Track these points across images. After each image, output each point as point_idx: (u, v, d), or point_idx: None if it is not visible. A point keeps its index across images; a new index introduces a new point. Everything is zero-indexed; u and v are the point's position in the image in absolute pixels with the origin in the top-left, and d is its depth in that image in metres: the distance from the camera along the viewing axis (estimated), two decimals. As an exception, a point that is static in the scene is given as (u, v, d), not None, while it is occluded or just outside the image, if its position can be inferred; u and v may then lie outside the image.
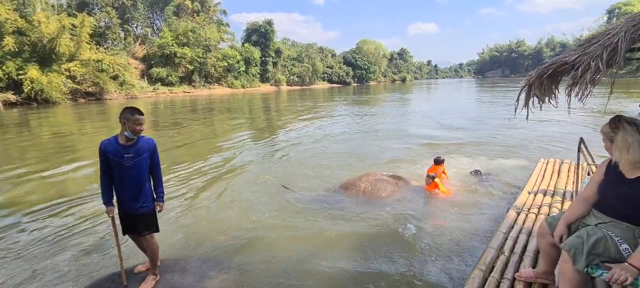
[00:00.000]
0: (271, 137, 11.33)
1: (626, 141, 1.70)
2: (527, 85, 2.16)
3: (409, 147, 8.80)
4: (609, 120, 1.83)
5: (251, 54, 50.17)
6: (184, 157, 7.91)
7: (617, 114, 1.82)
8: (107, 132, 12.89)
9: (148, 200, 2.76)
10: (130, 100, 31.70)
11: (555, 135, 9.53)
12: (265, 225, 4.14)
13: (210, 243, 3.72)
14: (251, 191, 5.46)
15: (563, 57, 1.98)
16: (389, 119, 15.83)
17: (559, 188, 4.17)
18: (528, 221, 3.20)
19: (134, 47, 41.45)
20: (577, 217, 1.94)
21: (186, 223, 4.30)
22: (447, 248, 3.43)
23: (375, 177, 5.26)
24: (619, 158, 1.74)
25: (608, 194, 1.82)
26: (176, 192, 5.51)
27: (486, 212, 4.30)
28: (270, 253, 3.47)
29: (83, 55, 29.48)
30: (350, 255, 3.37)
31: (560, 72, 1.98)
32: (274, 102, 28.43)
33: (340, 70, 74.33)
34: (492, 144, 8.66)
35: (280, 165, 7.22)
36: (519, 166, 6.24)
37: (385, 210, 4.44)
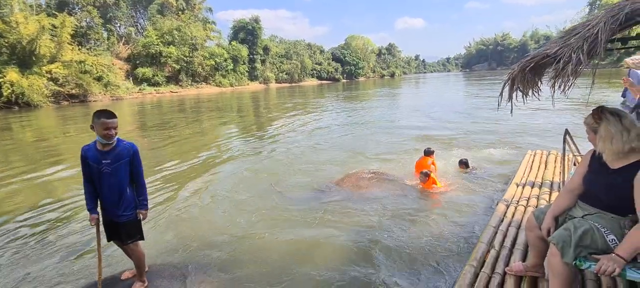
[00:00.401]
0: (261, 135, 11.24)
1: (609, 132, 1.70)
2: (510, 79, 2.15)
3: (400, 141, 8.85)
4: (591, 111, 1.83)
5: (238, 52, 49.61)
6: (171, 158, 7.77)
7: (599, 105, 1.83)
8: (92, 135, 12.55)
9: (130, 208, 2.66)
10: (116, 101, 31.04)
11: (543, 126, 9.71)
12: (255, 227, 4.08)
13: (199, 246, 3.65)
14: (240, 192, 5.39)
15: (545, 50, 1.98)
16: (379, 113, 15.92)
17: (547, 180, 4.22)
18: (517, 214, 3.23)
19: (118, 47, 40.52)
20: (563, 209, 1.95)
21: (174, 227, 4.21)
22: (438, 245, 3.42)
23: (362, 175, 5.26)
24: (603, 149, 1.74)
25: (593, 185, 1.83)
26: (164, 194, 5.41)
27: (477, 205, 4.32)
28: (259, 256, 3.41)
29: (65, 56, 28.67)
30: (339, 256, 3.34)
31: (543, 65, 1.97)
32: (263, 100, 28.21)
33: (329, 66, 74.17)
34: (481, 136, 8.77)
35: (270, 163, 7.16)
36: (508, 158, 6.33)
37: (374, 208, 4.42)
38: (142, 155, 2.72)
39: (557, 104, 13.36)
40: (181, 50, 41.83)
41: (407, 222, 3.97)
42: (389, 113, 16.09)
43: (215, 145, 9.49)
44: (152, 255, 3.48)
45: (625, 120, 1.69)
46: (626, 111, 1.80)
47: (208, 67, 45.51)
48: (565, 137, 3.49)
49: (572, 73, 1.79)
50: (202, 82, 45.93)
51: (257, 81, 55.88)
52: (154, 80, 39.56)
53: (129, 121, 17.14)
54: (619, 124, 1.68)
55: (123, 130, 13.14)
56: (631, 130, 1.66)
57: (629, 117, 1.71)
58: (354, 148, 8.26)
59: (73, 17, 32.55)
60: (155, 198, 5.19)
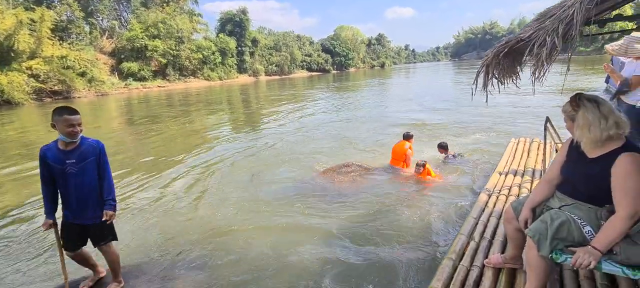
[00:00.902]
0: (250, 128, 11.07)
1: (587, 119, 1.63)
2: (485, 66, 2.05)
3: (391, 130, 8.81)
4: (569, 99, 1.76)
5: (226, 44, 48.80)
6: (154, 152, 7.58)
7: (578, 91, 1.76)
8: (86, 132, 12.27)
9: (99, 210, 2.52)
10: (101, 97, 30.33)
11: (534, 111, 9.73)
12: (235, 223, 3.99)
13: (177, 243, 3.55)
14: (223, 186, 5.28)
15: (519, 34, 1.88)
16: (370, 103, 15.89)
17: (529, 168, 4.19)
18: (498, 204, 3.18)
19: (101, 41, 39.41)
20: (540, 200, 1.90)
21: (153, 223, 4.10)
22: (419, 237, 3.38)
23: (345, 168, 5.19)
24: (580, 138, 1.68)
25: (570, 175, 1.78)
26: (144, 189, 5.27)
27: (460, 196, 4.29)
28: (242, 251, 3.34)
29: (45, 52, 27.75)
30: (321, 248, 3.29)
31: (518, 50, 1.88)
32: (253, 93, 27.88)
33: (319, 58, 73.66)
34: (469, 123, 8.76)
35: (257, 156, 7.05)
36: (495, 145, 6.34)
37: (356, 202, 4.36)
38: (125, 150, 2.59)
39: (548, 90, 13.45)
40: (167, 44, 40.92)
41: (389, 215, 3.91)
42: (379, 103, 16.07)
43: (201, 139, 9.31)
44: (129, 253, 3.37)
45: (603, 107, 1.62)
46: (605, 98, 1.73)
47: (196, 61, 44.70)
48: (546, 124, 3.45)
49: (547, 58, 1.71)
50: (190, 76, 45.15)
51: (247, 74, 55.19)
52: (140, 75, 38.69)
53: (115, 116, 16.76)
54: (596, 111, 1.61)
55: (109, 126, 12.84)
56: (609, 117, 1.59)
57: (607, 104, 1.65)
58: (345, 138, 8.19)
59: (52, 11, 31.40)
60: (135, 194, 5.06)
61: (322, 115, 12.85)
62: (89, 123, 14.49)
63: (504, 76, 2.15)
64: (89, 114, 18.92)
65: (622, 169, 1.54)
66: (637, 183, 1.51)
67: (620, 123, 1.60)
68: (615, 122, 1.59)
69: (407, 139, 5.32)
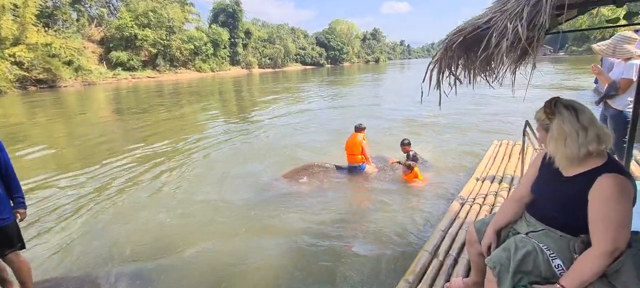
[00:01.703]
0: (237, 121, 10.76)
1: (562, 131, 1.34)
2: (438, 62, 1.73)
3: (384, 125, 8.60)
4: (544, 104, 1.45)
5: (219, 35, 48.07)
6: (132, 143, 7.27)
7: (555, 97, 1.45)
8: (64, 122, 12.05)
9: (6, 211, 2.22)
10: (88, 87, 29.63)
11: (531, 108, 9.39)
12: (190, 225, 3.68)
13: (124, 251, 3.23)
14: (190, 183, 5.00)
15: (477, 20, 1.55)
16: (364, 98, 15.70)
17: (508, 174, 3.92)
18: (471, 214, 2.94)
19: (90, 29, 38.46)
20: (507, 222, 1.63)
21: (103, 227, 3.76)
22: (381, 253, 3.01)
23: (308, 170, 4.90)
24: (555, 152, 1.39)
25: (541, 195, 1.52)
26: (105, 185, 4.97)
27: (435, 203, 3.97)
28: (191, 260, 3.04)
29: (30, 38, 26.94)
30: (280, 256, 3.05)
31: (477, 40, 1.54)
32: (245, 86, 27.43)
33: (314, 51, 73.12)
34: (459, 123, 8.47)
35: (238, 150, 6.81)
36: (480, 146, 6.07)
37: (321, 207, 4.02)
38: (96, 140, 2.30)
39: (550, 85, 13.14)
40: (158, 33, 40.13)
41: (351, 224, 3.59)
42: (373, 98, 15.86)
43: (184, 131, 9.01)
44: (62, 261, 3.10)
45: (583, 116, 1.33)
46: (591, 100, 1.42)
47: (187, 52, 43.99)
48: (525, 129, 3.18)
49: (507, 53, 1.40)
50: (181, 67, 44.44)
51: (239, 66, 54.54)
52: (129, 65, 37.93)
53: (102, 106, 16.30)
54: (574, 121, 1.32)
55: (97, 115, 12.44)
56: (589, 128, 1.31)
57: (588, 112, 1.36)
58: (337, 131, 7.95)
59: (38, -4, 30.50)
60: (88, 191, 4.75)
61: (317, 109, 12.58)
62: (75, 112, 14.15)
63: (469, 72, 1.83)
64: (75, 103, 18.44)
65: (602, 194, 1.27)
66: (618, 213, 1.23)
67: (602, 136, 1.32)
68: (596, 135, 1.30)
69: (360, 130, 5.00)
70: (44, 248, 3.33)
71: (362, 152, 4.87)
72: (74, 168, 5.98)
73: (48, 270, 2.98)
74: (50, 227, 3.77)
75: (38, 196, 4.69)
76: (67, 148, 7.79)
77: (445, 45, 1.67)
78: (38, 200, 4.54)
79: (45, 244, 3.42)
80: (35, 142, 8.29)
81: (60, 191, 4.89)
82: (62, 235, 3.59)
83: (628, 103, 3.12)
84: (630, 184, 1.25)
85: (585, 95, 12.05)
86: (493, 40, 1.43)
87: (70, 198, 4.59)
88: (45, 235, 3.60)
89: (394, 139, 6.23)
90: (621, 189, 1.24)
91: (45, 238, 3.54)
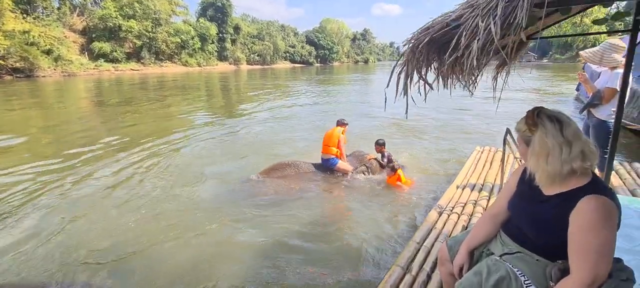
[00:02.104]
0: (222, 116, 10.50)
1: (545, 145, 1.20)
2: (404, 66, 1.56)
3: (369, 124, 8.56)
4: (525, 115, 1.29)
5: (207, 29, 47.27)
6: (108, 137, 6.97)
7: (538, 106, 1.30)
8: (40, 111, 11.57)
9: None
10: (69, 78, 28.60)
11: (516, 114, 9.35)
12: (154, 229, 3.43)
13: (75, 254, 2.99)
14: (162, 181, 4.77)
15: (446, 16, 1.40)
16: (352, 98, 15.67)
17: (488, 182, 3.74)
18: (448, 224, 2.80)
19: (71, 18, 37.16)
20: (481, 241, 1.50)
21: (62, 228, 3.48)
22: (348, 264, 2.80)
23: (284, 169, 4.69)
24: (535, 169, 1.24)
25: (517, 213, 1.37)
26: (75, 183, 4.68)
27: (413, 212, 3.74)
28: (154, 267, 2.82)
29: (6, 25, 25.82)
30: (249, 263, 2.87)
31: (446, 40, 1.38)
32: (233, 82, 27.02)
33: (303, 50, 72.86)
34: (445, 125, 8.47)
35: (220, 147, 6.61)
36: (461, 152, 6.07)
37: (291, 210, 3.84)
38: (73, 134, 2.10)
39: (529, 91, 13.30)
40: (143, 25, 39.13)
41: (320, 235, 3.34)
42: (361, 96, 15.83)
43: (163, 126, 8.73)
44: (10, 268, 2.85)
45: (568, 130, 1.19)
46: (570, 118, 1.31)
47: (173, 45, 43.09)
48: (505, 138, 3.00)
49: (478, 56, 1.23)
50: (167, 60, 43.51)
51: (227, 62, 53.84)
52: (112, 57, 36.85)
53: (83, 98, 15.70)
54: (558, 135, 1.18)
55: (76, 106, 11.91)
56: (573, 144, 1.17)
57: (573, 126, 1.23)
58: (322, 129, 7.83)
59: (16, -19, 29.25)
60: (54, 188, 4.50)
61: (303, 107, 12.45)
62: (52, 102, 13.58)
63: (443, 77, 1.67)
64: (53, 94, 17.73)
65: (583, 218, 1.13)
66: (600, 240, 1.09)
67: (587, 153, 1.19)
68: (581, 151, 1.17)
69: (341, 125, 4.87)
70: None
71: (337, 146, 4.71)
72: (42, 160, 5.70)
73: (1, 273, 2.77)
74: (7, 223, 3.54)
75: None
76: (39, 139, 7.42)
77: (411, 47, 1.49)
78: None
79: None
80: (5, 131, 7.93)
81: (26, 183, 4.63)
82: (19, 233, 3.38)
83: (611, 113, 3.09)
84: (614, 207, 1.13)
85: (567, 102, 12.34)
86: (463, 40, 1.26)
87: (32, 193, 4.33)
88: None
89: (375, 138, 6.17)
90: (605, 213, 1.11)
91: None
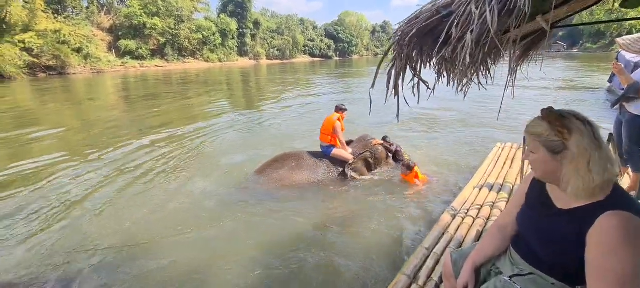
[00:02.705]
0: (244, 111, 10.61)
1: (584, 150, 0.99)
2: (393, 62, 1.37)
3: (386, 119, 8.40)
4: (544, 114, 1.07)
5: (227, 25, 47.89)
6: (128, 130, 7.22)
7: (551, 108, 1.09)
8: (72, 108, 12.12)
9: None
10: (97, 75, 29.84)
11: (534, 108, 8.95)
12: (157, 229, 3.37)
13: (85, 245, 3.04)
14: (172, 177, 4.78)
15: (435, 4, 1.20)
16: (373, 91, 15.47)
17: (508, 183, 3.42)
18: (461, 229, 2.55)
19: (99, 16, 38.64)
20: (489, 256, 1.33)
21: (60, 227, 3.46)
22: (352, 272, 2.59)
23: (280, 163, 4.46)
24: (571, 177, 1.02)
25: (528, 229, 1.18)
26: (77, 178, 4.73)
27: (425, 213, 3.50)
28: (157, 266, 2.75)
29: (39, 25, 27.17)
30: (243, 271, 2.73)
31: (436, 31, 1.19)
32: (253, 77, 27.29)
33: (322, 43, 72.52)
34: (467, 118, 8.13)
35: (239, 140, 6.69)
36: (481, 148, 5.77)
37: (292, 211, 3.66)
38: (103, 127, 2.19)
39: (558, 83, 12.65)
40: (166, 22, 40.16)
41: (320, 234, 3.15)
42: (383, 90, 15.60)
43: (186, 121, 8.93)
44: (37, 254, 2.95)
45: (598, 133, 1.03)
46: (608, 100, 0.99)
47: (195, 41, 43.98)
48: (526, 137, 2.83)
49: (472, 51, 1.05)
50: (189, 56, 44.49)
51: (247, 57, 54.41)
52: (137, 54, 38.12)
53: (111, 94, 16.36)
54: (594, 139, 1.00)
55: (106, 102, 12.45)
56: (604, 148, 1.01)
57: (598, 128, 1.06)
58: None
59: (48, -17, 30.69)
60: (59, 184, 4.55)
61: (320, 101, 12.40)
62: (83, 97, 14.26)
63: (442, 72, 1.46)
64: (83, 90, 18.59)
65: (603, 239, 0.94)
66: (624, 264, 0.90)
67: (613, 160, 1.01)
68: (608, 157, 1.00)
69: (338, 111, 4.57)
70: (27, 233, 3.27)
71: (331, 133, 4.49)
72: (71, 154, 5.96)
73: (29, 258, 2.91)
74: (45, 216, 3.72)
75: (38, 178, 4.68)
76: (72, 133, 7.77)
77: (397, 40, 1.32)
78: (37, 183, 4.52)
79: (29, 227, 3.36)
80: (40, 124, 8.42)
81: (60, 175, 4.86)
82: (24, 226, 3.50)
83: None
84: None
85: (598, 94, 11.59)
86: (454, 30, 1.08)
87: (65, 186, 4.54)
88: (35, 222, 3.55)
89: (389, 132, 5.99)
90: (629, 233, 0.91)
91: (36, 226, 3.48)
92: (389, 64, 1.41)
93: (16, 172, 5.09)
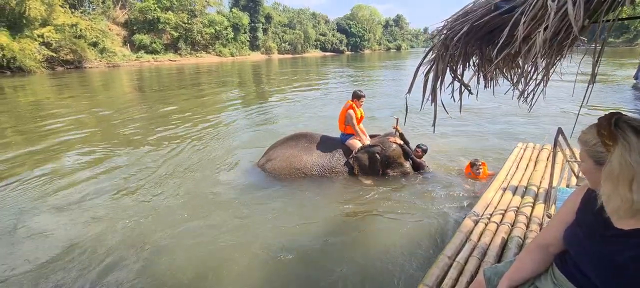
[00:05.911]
0: (257, 103, 10.63)
1: (627, 166, 0.84)
2: (433, 63, 1.24)
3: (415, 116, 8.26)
4: (597, 122, 0.95)
5: (239, 19, 47.98)
6: (143, 124, 7.28)
7: (616, 110, 1.00)
8: (89, 100, 12.36)
9: None
10: (113, 68, 30.36)
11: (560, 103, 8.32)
12: (165, 220, 3.37)
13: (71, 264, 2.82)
14: (181, 172, 4.74)
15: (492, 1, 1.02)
16: (385, 87, 15.32)
17: (532, 186, 3.18)
18: (485, 236, 2.38)
19: (114, 11, 39.19)
20: (528, 276, 1.19)
21: (64, 222, 3.42)
22: (368, 283, 2.45)
23: (310, 141, 4.42)
24: (612, 195, 0.89)
25: (579, 250, 1.03)
26: (77, 176, 4.66)
27: (444, 218, 3.29)
28: (157, 264, 2.71)
29: (57, 19, 27.73)
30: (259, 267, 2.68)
31: (497, 29, 1.05)
32: (265, 71, 27.31)
33: (334, 38, 72.02)
34: (490, 115, 7.89)
35: (251, 134, 6.68)
36: (504, 148, 5.45)
37: (303, 212, 3.53)
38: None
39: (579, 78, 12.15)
40: (179, 17, 40.48)
41: (332, 240, 2.98)
42: (395, 86, 15.39)
43: (199, 114, 8.98)
44: None
45: None
46: None
47: (208, 35, 44.23)
48: (556, 139, 2.58)
49: (544, 50, 0.92)
50: (202, 50, 44.80)
51: (259, 51, 54.48)
52: (151, 48, 38.59)
53: (127, 87, 16.64)
54: None
55: (122, 94, 12.66)
56: None
57: None
58: None
59: (65, -22, 31.25)
60: (67, 183, 4.46)
61: (335, 96, 12.30)
62: (98, 90, 14.56)
63: (485, 76, 1.32)
64: (100, 83, 18.97)
65: None
66: None
67: None
68: None
69: (353, 98, 4.34)
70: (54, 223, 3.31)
71: (343, 122, 4.35)
72: (85, 143, 6.11)
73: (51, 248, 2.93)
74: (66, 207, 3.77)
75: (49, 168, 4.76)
76: (88, 126, 7.91)
77: (443, 39, 1.19)
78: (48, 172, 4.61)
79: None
80: (58, 115, 8.69)
81: (73, 166, 4.93)
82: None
83: None
84: None
85: (623, 90, 11.10)
86: (521, 29, 0.94)
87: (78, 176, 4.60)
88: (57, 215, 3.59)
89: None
90: None
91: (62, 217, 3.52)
92: (425, 67, 1.25)
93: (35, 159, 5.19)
